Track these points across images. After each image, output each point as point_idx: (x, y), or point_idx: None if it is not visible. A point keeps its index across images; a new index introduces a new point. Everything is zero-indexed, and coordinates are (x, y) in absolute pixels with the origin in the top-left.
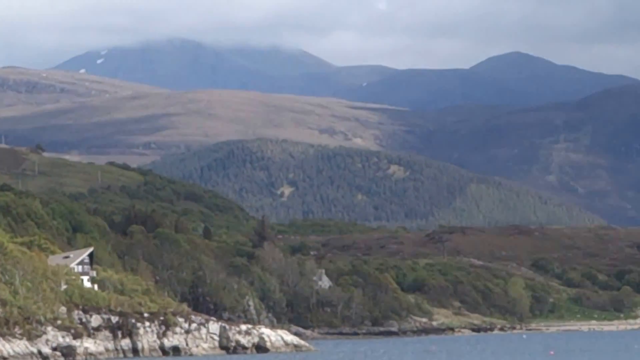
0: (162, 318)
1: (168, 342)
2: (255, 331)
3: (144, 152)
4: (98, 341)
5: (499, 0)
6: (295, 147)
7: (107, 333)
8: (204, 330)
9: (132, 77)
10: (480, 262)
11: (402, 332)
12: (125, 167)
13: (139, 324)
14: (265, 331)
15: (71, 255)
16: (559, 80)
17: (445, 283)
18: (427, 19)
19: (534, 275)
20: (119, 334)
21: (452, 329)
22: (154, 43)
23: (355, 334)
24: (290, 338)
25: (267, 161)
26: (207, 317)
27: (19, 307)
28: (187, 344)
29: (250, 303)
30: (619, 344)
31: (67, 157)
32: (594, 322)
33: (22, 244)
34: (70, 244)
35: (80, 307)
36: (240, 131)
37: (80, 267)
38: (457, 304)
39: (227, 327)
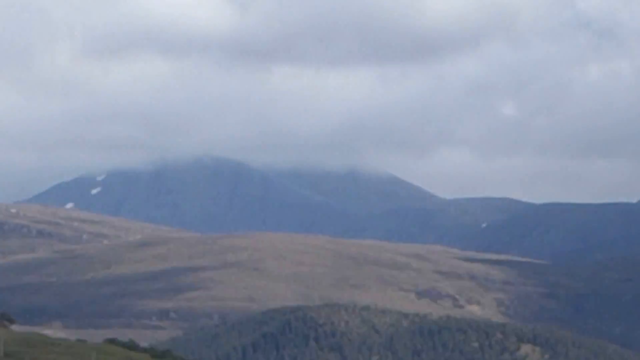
0: None
1: None
2: None
3: (159, 324)
4: None
5: None
6: (381, 318)
7: None
8: None
9: (143, 215)
10: None
11: None
12: (132, 346)
13: None
14: None
15: None
16: None
17: None
18: (574, 130)
19: None
20: None
21: None
22: (174, 164)
23: None
24: None
25: (341, 338)
26: None
27: None
28: None
29: None
30: None
31: (47, 332)
32: None
33: None
34: None
35: None
36: (301, 294)
37: None
38: None
39: None
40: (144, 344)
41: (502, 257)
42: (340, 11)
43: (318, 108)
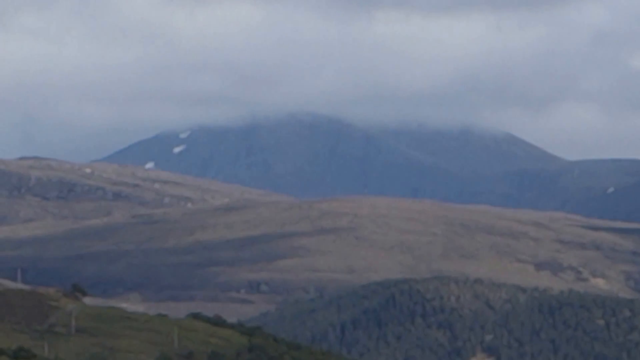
0: None
1: None
2: None
3: (248, 297)
4: None
5: None
6: (495, 292)
7: None
8: None
9: (231, 176)
10: None
11: None
12: (218, 321)
13: None
14: None
15: None
16: None
17: None
18: None
19: None
20: None
21: None
22: (266, 120)
23: None
24: None
25: (450, 314)
26: None
27: None
28: None
29: None
30: None
31: (123, 305)
32: None
33: None
34: None
35: None
36: (407, 265)
37: None
38: None
39: None
40: (231, 319)
41: (632, 225)
42: None
43: (426, 58)
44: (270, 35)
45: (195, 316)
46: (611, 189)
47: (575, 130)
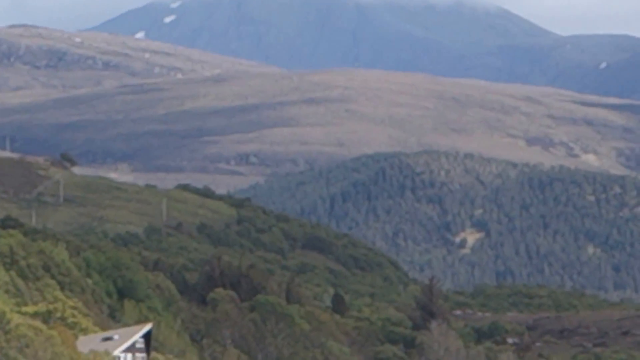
0: None
1: None
2: None
3: (237, 169)
4: None
5: None
6: (486, 167)
7: None
8: None
9: (222, 47)
10: None
11: None
12: (207, 193)
13: None
14: None
15: (115, 337)
16: None
17: None
18: None
19: None
20: None
21: None
22: None
23: None
24: None
25: (440, 188)
26: None
27: None
28: None
29: None
30: None
31: (112, 175)
32: None
33: (34, 315)
34: (115, 318)
35: None
36: (397, 138)
37: (129, 355)
38: None
39: None
40: (220, 191)
41: (624, 101)
42: None
43: None
44: None
45: (184, 187)
46: (604, 65)
47: (569, 4)
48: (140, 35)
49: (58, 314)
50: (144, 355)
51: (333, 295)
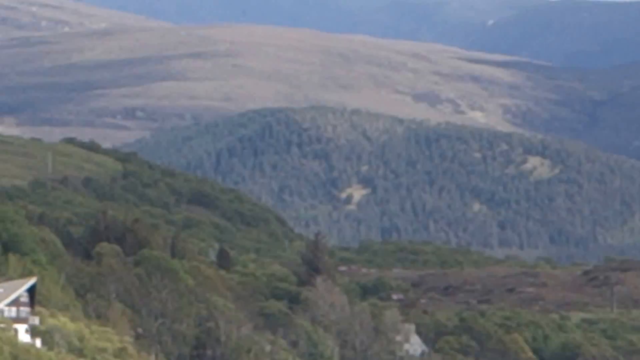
0: None
1: None
2: None
3: (124, 123)
4: None
5: None
6: (372, 123)
7: None
8: None
9: (109, 0)
10: None
11: None
12: (93, 147)
13: None
14: None
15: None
16: None
17: (614, 353)
18: None
19: None
20: None
21: None
22: None
23: None
24: None
25: (327, 144)
26: None
27: None
28: None
29: None
30: None
31: None
32: None
33: None
34: None
35: None
36: (284, 94)
37: (13, 309)
38: None
39: None
40: (106, 145)
41: (510, 58)
42: None
43: None
44: None
45: (70, 141)
46: (491, 22)
47: None
48: None
49: None
50: (28, 309)
51: (218, 251)
